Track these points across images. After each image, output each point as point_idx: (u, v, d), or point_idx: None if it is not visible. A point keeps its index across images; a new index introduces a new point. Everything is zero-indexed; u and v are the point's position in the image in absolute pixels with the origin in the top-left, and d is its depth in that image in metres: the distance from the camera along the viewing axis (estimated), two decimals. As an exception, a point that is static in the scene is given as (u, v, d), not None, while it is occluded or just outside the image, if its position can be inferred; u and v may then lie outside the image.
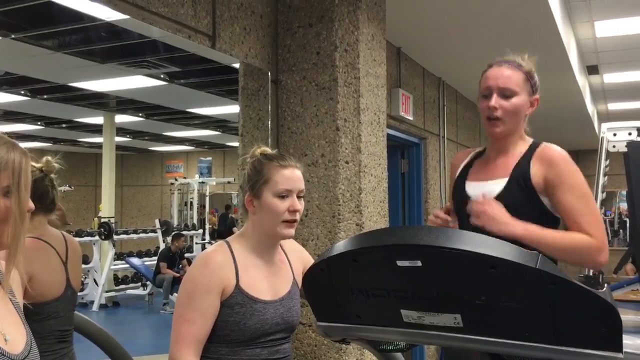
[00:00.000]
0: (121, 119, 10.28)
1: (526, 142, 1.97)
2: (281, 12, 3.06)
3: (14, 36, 4.72)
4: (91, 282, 9.83)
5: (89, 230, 10.62)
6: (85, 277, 9.66)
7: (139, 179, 16.78)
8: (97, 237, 10.00)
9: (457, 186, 2.02)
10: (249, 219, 1.75)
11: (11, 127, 10.45)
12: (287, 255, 1.84)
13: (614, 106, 8.85)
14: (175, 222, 12.58)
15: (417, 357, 5.17)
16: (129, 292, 10.58)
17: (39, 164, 2.06)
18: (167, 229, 11.13)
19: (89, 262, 9.81)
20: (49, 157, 2.10)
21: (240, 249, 1.70)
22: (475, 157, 2.08)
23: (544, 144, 1.91)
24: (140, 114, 9.63)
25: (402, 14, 3.86)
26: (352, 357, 2.88)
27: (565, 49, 4.75)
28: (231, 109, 6.81)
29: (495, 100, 1.87)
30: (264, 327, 1.65)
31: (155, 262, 9.90)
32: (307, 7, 2.98)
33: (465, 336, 1.25)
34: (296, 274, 1.80)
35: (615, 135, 4.70)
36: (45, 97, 7.89)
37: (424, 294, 1.25)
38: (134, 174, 16.76)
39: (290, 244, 1.88)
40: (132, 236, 11.08)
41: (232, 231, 10.39)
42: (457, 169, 2.09)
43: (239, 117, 3.03)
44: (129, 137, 12.56)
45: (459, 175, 2.05)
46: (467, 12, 3.96)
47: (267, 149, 1.80)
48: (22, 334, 1.22)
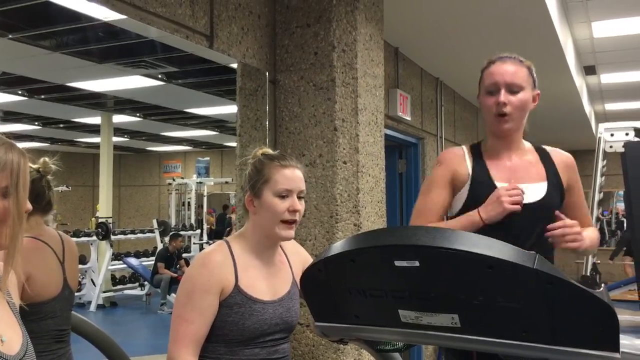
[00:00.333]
0: (119, 119, 10.27)
1: (525, 142, 1.99)
2: (279, 12, 3.06)
3: (11, 36, 4.71)
4: (89, 283, 9.81)
5: (86, 230, 10.60)
6: (82, 278, 9.64)
7: (136, 179, 16.75)
8: (94, 238, 9.98)
9: (485, 188, 1.88)
10: (249, 219, 1.75)
11: (9, 127, 10.43)
12: (287, 255, 1.83)
13: (611, 106, 8.86)
14: (172, 222, 12.56)
15: (415, 357, 5.18)
16: (127, 292, 10.56)
17: (36, 165, 2.06)
18: (164, 229, 11.11)
19: (86, 263, 9.79)
20: (46, 158, 2.09)
21: (239, 249, 1.70)
22: (474, 155, 1.98)
23: (551, 148, 2.01)
24: (137, 114, 9.62)
25: (400, 14, 3.86)
26: (350, 357, 2.88)
27: (562, 49, 4.75)
28: (229, 109, 6.81)
29: (504, 95, 1.85)
30: (263, 327, 1.65)
31: (152, 263, 9.88)
32: (305, 7, 2.98)
33: (462, 336, 1.25)
34: (296, 274, 1.79)
35: (612, 135, 4.72)
36: (42, 97, 7.87)
37: (422, 294, 1.25)
38: (132, 174, 16.73)
39: (290, 244, 1.88)
40: (129, 236, 11.06)
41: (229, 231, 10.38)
42: (453, 164, 1.97)
43: (236, 117, 3.03)
44: (127, 137, 12.54)
45: (476, 171, 1.93)
46: (464, 12, 3.96)
47: (269, 150, 1.80)
48: (18, 334, 1.21)
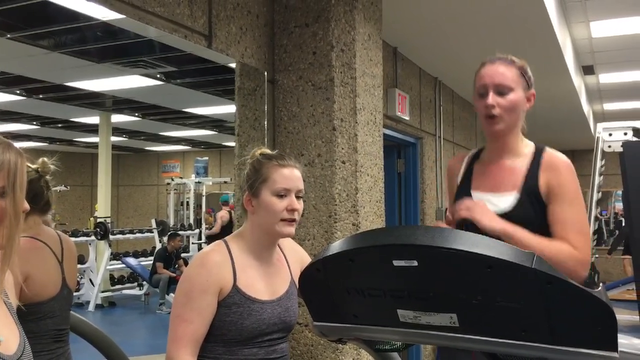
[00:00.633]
0: (117, 118, 10.26)
1: (527, 144, 1.92)
2: (277, 11, 3.06)
3: (9, 36, 4.70)
4: (87, 282, 9.80)
5: (84, 230, 10.60)
6: (81, 277, 9.63)
7: (135, 179, 16.74)
8: (93, 237, 9.97)
9: (461, 197, 1.91)
10: (247, 219, 1.75)
11: (7, 127, 10.42)
12: (285, 255, 1.83)
13: (609, 106, 8.87)
14: (171, 222, 12.57)
15: (414, 357, 5.18)
16: (125, 292, 10.55)
17: (35, 165, 2.05)
18: (163, 229, 11.11)
19: (84, 262, 9.77)
20: (45, 159, 2.09)
21: (238, 248, 1.70)
22: (472, 160, 2.01)
23: (548, 150, 1.88)
24: (136, 114, 9.61)
25: (399, 13, 3.86)
26: (349, 356, 2.88)
27: (561, 49, 4.76)
28: (228, 109, 6.81)
29: (492, 97, 1.84)
30: (261, 327, 1.65)
31: (151, 262, 9.87)
32: (304, 7, 2.98)
33: (461, 336, 1.25)
34: (294, 273, 1.80)
35: (610, 135, 4.73)
36: (41, 96, 7.85)
37: (420, 293, 1.25)
38: (130, 173, 16.71)
39: (288, 244, 1.88)
40: (128, 236, 11.05)
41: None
42: (454, 176, 2.02)
43: (235, 117, 3.03)
44: (125, 137, 12.53)
45: (461, 184, 1.97)
46: (463, 12, 3.96)
47: (267, 150, 1.80)
48: (15, 334, 1.21)
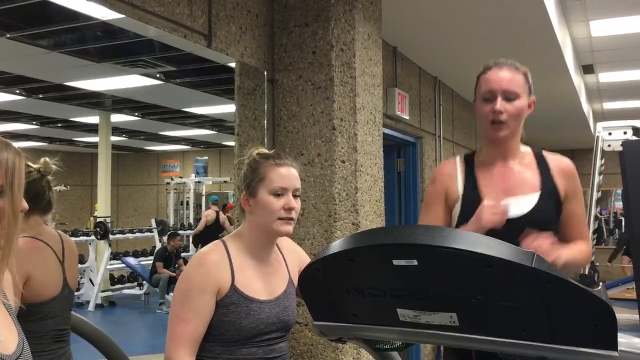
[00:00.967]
0: (117, 118, 10.26)
1: (523, 147, 1.95)
2: (277, 11, 3.06)
3: (9, 35, 4.70)
4: (87, 282, 9.80)
5: (84, 229, 10.60)
6: (81, 277, 9.63)
7: (134, 179, 16.74)
8: (92, 237, 9.97)
9: (474, 206, 1.84)
10: (245, 218, 1.75)
11: (7, 127, 10.42)
12: (283, 254, 1.83)
13: (609, 105, 8.87)
14: (171, 221, 12.57)
15: (414, 356, 5.18)
16: (125, 291, 10.56)
17: (37, 165, 2.05)
18: (163, 228, 11.10)
19: (84, 262, 9.78)
20: (47, 159, 2.09)
21: (236, 248, 1.70)
22: (468, 166, 1.96)
23: (548, 153, 1.94)
24: (136, 114, 9.61)
25: (398, 13, 3.86)
26: (349, 356, 2.88)
27: (560, 48, 4.75)
28: (227, 109, 6.81)
29: (500, 103, 1.83)
30: (260, 326, 1.65)
31: (151, 262, 9.87)
32: (303, 6, 2.98)
33: (461, 335, 1.25)
34: (292, 273, 1.80)
35: (610, 134, 4.72)
36: (40, 96, 7.86)
37: (420, 293, 1.25)
38: (130, 173, 16.72)
39: (286, 243, 1.88)
40: (128, 236, 11.05)
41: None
42: (448, 182, 1.95)
43: (235, 116, 3.03)
44: (125, 137, 12.54)
45: (467, 190, 1.91)
46: (463, 11, 3.96)
47: (264, 149, 1.80)
48: (13, 334, 1.21)
